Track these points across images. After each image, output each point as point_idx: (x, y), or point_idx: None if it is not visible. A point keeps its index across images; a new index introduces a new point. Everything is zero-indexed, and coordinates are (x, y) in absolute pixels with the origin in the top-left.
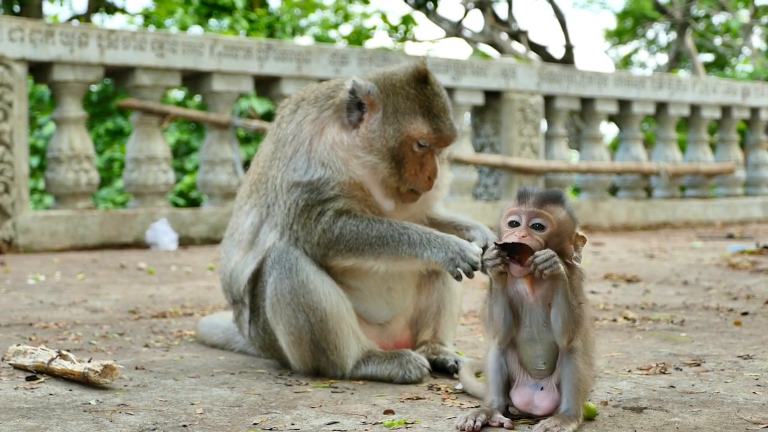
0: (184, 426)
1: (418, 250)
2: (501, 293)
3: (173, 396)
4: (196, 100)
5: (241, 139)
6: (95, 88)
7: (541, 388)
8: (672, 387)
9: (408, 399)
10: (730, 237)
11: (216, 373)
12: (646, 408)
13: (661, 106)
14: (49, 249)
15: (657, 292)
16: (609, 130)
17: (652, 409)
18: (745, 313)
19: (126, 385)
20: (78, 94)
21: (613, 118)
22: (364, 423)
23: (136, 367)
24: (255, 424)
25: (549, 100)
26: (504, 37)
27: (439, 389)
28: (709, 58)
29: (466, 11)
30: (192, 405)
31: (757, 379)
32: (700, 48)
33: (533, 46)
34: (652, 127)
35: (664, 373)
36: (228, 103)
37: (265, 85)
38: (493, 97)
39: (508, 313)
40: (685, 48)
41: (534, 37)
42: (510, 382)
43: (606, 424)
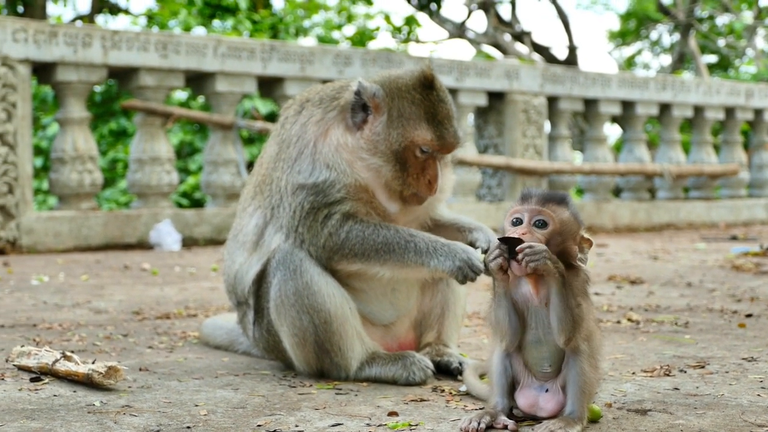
0: (188, 427)
1: (424, 258)
2: (504, 296)
3: (177, 397)
4: (200, 100)
5: (244, 140)
6: (99, 88)
7: (546, 390)
8: (676, 389)
9: (412, 401)
10: (734, 238)
11: (220, 375)
12: (650, 410)
13: (664, 108)
14: (53, 250)
15: (661, 294)
16: (612, 132)
17: (656, 411)
18: (749, 315)
19: (130, 387)
20: (81, 95)
21: (617, 120)
22: (368, 425)
23: (140, 369)
24: (259, 425)
25: (552, 101)
26: (507, 38)
27: (443, 391)
28: (712, 59)
29: (470, 12)
30: (196, 406)
31: (761, 381)
32: (704, 49)
33: (536, 47)
34: (656, 128)
35: (668, 375)
36: (231, 104)
37: (268, 85)
38: (496, 98)
39: (513, 316)
40: (689, 49)
41: (537, 38)
42: (514, 383)
43: (610, 427)
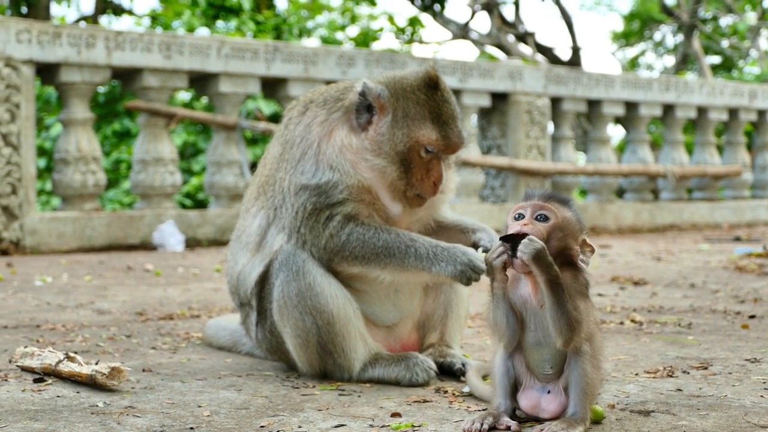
0: (191, 428)
1: (425, 263)
2: (502, 298)
3: (180, 398)
4: (203, 101)
5: (247, 141)
6: (102, 89)
7: (548, 392)
8: (679, 390)
9: (415, 402)
10: (737, 239)
11: (223, 376)
12: (653, 411)
13: (668, 109)
14: (56, 250)
15: (664, 295)
16: (616, 133)
17: (659, 412)
18: (752, 316)
19: (133, 388)
20: (85, 96)
21: (620, 121)
22: (371, 426)
23: (144, 369)
24: (262, 426)
25: (556, 102)
26: (511, 39)
27: (446, 392)
28: (716, 60)
29: (473, 13)
30: (199, 407)
31: (764, 382)
32: (707, 50)
33: (540, 48)
34: (659, 129)
35: (671, 376)
36: (235, 105)
37: (271, 86)
38: (499, 99)
39: (511, 317)
40: (692, 50)
41: (541, 39)
42: (517, 385)
43: (613, 428)
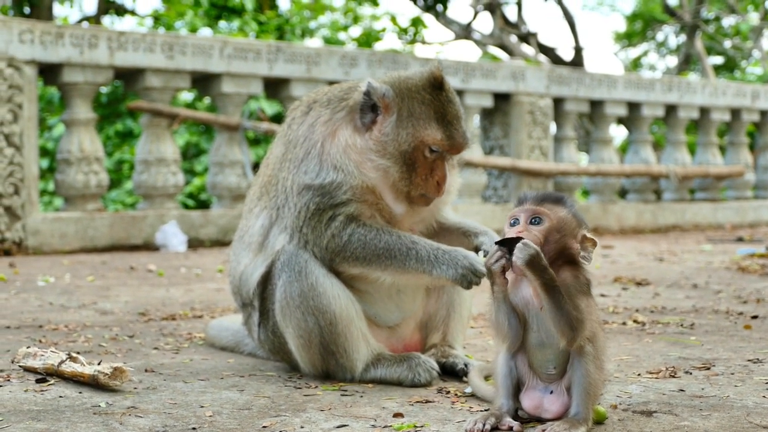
0: (194, 429)
1: (426, 266)
2: (503, 300)
3: (183, 399)
4: (206, 102)
5: (250, 141)
6: (105, 89)
7: (551, 392)
8: (681, 391)
9: (417, 402)
10: (740, 240)
11: (225, 376)
12: (655, 412)
13: (670, 109)
14: (59, 251)
15: (666, 296)
16: (618, 133)
17: (662, 412)
18: (755, 317)
19: (135, 388)
20: (88, 96)
21: (623, 121)
22: (374, 426)
23: (146, 370)
24: (264, 427)
25: (558, 102)
26: (513, 39)
27: (448, 392)
28: (718, 60)
29: (476, 13)
30: (201, 408)
31: (767, 383)
32: (710, 50)
33: (542, 49)
34: (662, 129)
35: (673, 376)
36: (237, 105)
37: (274, 87)
38: (502, 99)
39: (513, 318)
40: (695, 50)
41: (543, 39)
42: (519, 385)
43: (615, 428)
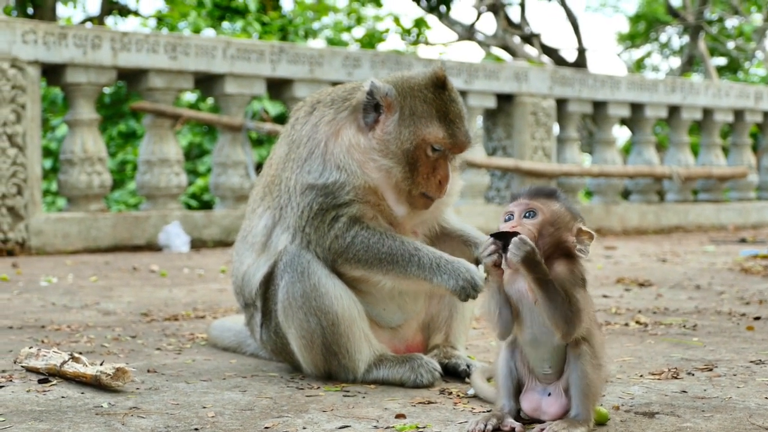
0: (196, 429)
1: (427, 274)
2: (497, 290)
3: (185, 399)
4: (209, 102)
5: (253, 142)
6: (108, 90)
7: (549, 394)
8: (684, 392)
9: (419, 403)
10: (743, 241)
11: (228, 377)
12: (657, 413)
13: (673, 110)
14: (62, 251)
15: (669, 297)
16: (621, 134)
17: (664, 414)
18: (757, 318)
19: (138, 388)
20: (91, 97)
21: (626, 122)
22: (376, 427)
23: (148, 370)
24: (267, 427)
25: (561, 103)
26: (516, 40)
27: (450, 393)
28: (722, 61)
29: (479, 14)
30: (204, 408)
31: None
32: (713, 52)
33: (546, 50)
34: (665, 130)
35: (676, 377)
36: (240, 106)
37: (277, 87)
38: (505, 100)
39: (505, 309)
40: (698, 51)
41: (547, 40)
42: (520, 386)
43: (617, 429)
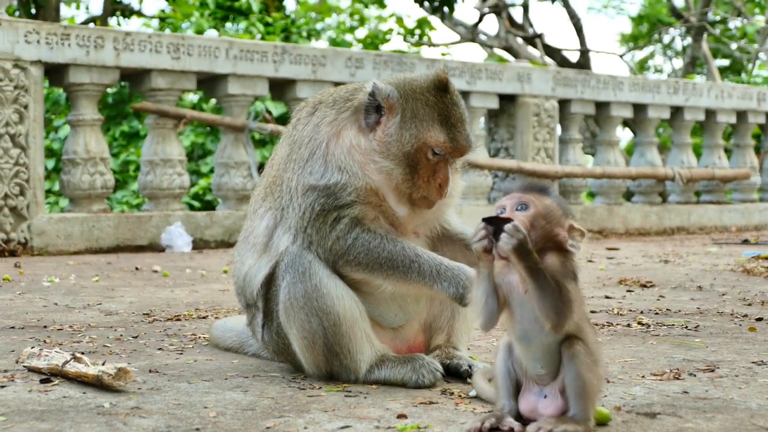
0: (197, 429)
1: (427, 280)
2: (486, 278)
3: (187, 399)
4: (212, 103)
5: (255, 142)
6: (111, 90)
7: (545, 396)
8: (685, 393)
9: (421, 403)
10: (745, 242)
11: (229, 377)
12: (659, 414)
13: (676, 111)
14: (64, 251)
15: (671, 298)
16: (624, 135)
17: (666, 414)
18: (759, 319)
19: (140, 388)
20: (94, 97)
21: (629, 123)
22: (377, 427)
23: (150, 370)
24: (268, 427)
25: (564, 104)
26: (519, 41)
27: (452, 394)
28: (725, 63)
29: (482, 15)
30: (205, 408)
31: None
32: (716, 53)
33: (548, 51)
34: (667, 131)
35: (677, 378)
36: (243, 106)
37: (280, 88)
38: (508, 101)
39: (491, 298)
40: (701, 53)
41: (549, 41)
42: (519, 386)
43: (619, 430)
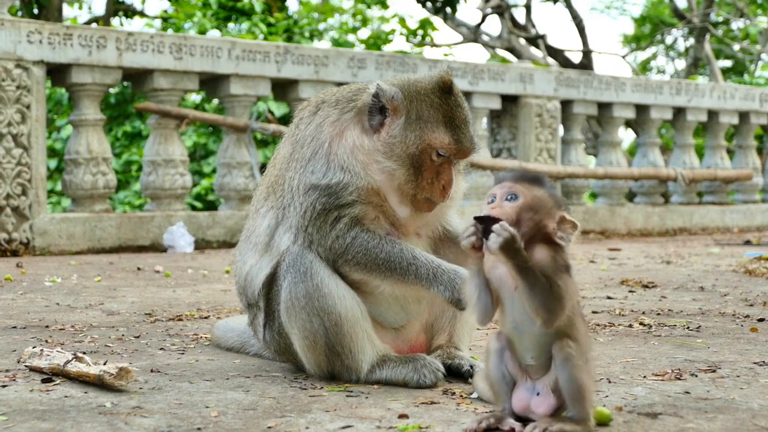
0: (199, 429)
1: (424, 283)
2: (477, 273)
3: (188, 399)
4: (214, 103)
5: (258, 143)
6: (113, 90)
7: (538, 393)
8: (687, 393)
9: (422, 403)
10: (748, 243)
11: (231, 377)
12: (660, 414)
13: (678, 112)
14: (66, 251)
15: (673, 298)
16: (626, 136)
17: (667, 415)
18: (761, 320)
19: (141, 388)
20: (96, 97)
21: (631, 124)
22: (379, 427)
23: (152, 370)
24: (269, 427)
25: (566, 105)
26: (522, 41)
27: (453, 394)
28: (727, 63)
29: (484, 16)
30: (207, 408)
31: None
32: (719, 54)
33: (551, 51)
34: (670, 132)
35: (679, 379)
36: (245, 107)
37: (282, 88)
38: (510, 101)
39: (484, 293)
40: (704, 54)
41: (552, 41)
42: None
43: (620, 430)
